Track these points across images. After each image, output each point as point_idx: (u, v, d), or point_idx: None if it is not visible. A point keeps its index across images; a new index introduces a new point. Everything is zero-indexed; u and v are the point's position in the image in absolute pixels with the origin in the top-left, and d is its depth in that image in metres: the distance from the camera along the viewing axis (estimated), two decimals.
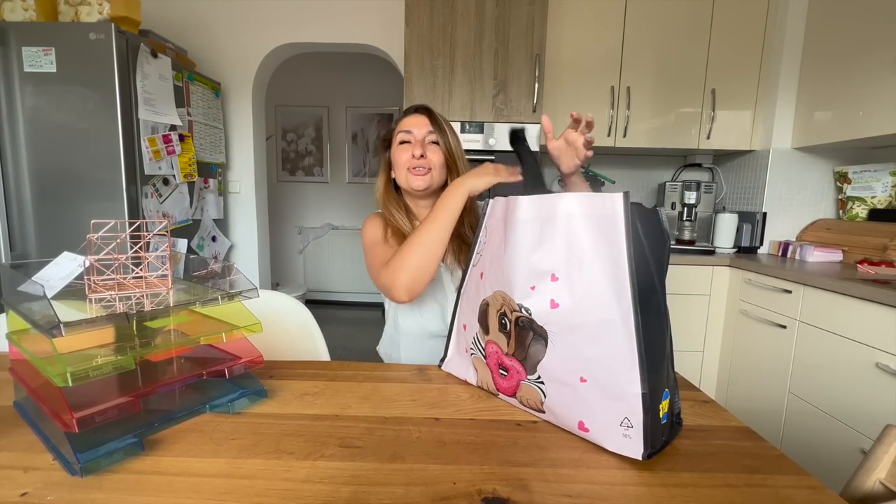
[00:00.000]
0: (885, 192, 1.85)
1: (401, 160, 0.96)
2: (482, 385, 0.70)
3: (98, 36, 1.55)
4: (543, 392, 0.59)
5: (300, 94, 3.97)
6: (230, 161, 2.49)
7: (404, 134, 0.97)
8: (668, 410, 0.54)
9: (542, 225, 0.58)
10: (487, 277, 0.67)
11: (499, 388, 0.66)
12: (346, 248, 4.02)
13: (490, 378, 0.68)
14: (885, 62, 1.61)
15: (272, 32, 2.37)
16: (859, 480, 0.54)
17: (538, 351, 0.58)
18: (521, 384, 0.62)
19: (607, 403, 0.52)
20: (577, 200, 0.55)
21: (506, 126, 1.91)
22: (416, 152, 0.93)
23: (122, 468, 0.49)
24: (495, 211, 0.70)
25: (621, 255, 0.51)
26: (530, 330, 0.58)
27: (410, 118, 0.99)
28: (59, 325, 0.46)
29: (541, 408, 0.60)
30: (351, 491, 0.46)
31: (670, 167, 2.50)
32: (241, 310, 0.63)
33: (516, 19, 1.87)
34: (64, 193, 1.63)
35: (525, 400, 0.62)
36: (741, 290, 1.86)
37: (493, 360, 0.66)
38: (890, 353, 1.23)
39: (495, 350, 0.65)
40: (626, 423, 0.51)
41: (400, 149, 0.97)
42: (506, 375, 0.64)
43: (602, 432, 0.54)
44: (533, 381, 0.60)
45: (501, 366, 0.64)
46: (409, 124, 0.97)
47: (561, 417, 0.58)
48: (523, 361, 0.60)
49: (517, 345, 0.61)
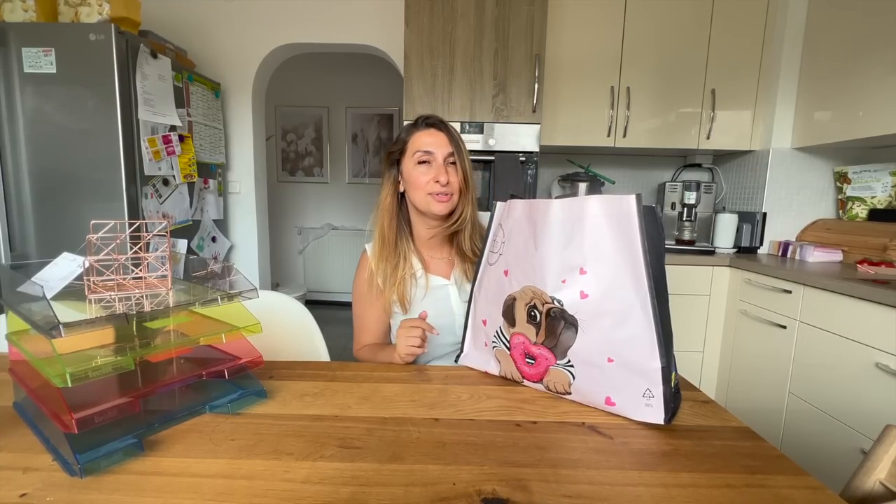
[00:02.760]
0: (885, 192, 1.85)
1: (420, 182, 0.92)
2: (505, 374, 0.76)
3: (98, 36, 1.55)
4: (573, 374, 0.66)
5: (300, 94, 3.97)
6: (230, 161, 2.48)
7: (423, 154, 0.92)
8: (676, 381, 0.63)
9: (572, 225, 0.64)
10: (513, 274, 0.73)
11: (524, 375, 0.72)
12: (345, 248, 4.01)
13: (514, 367, 0.74)
14: (884, 62, 1.61)
15: (272, 33, 2.37)
16: (859, 481, 0.54)
17: (569, 338, 0.65)
18: (549, 369, 0.68)
19: (632, 379, 0.60)
20: (598, 202, 0.62)
21: (506, 126, 1.91)
22: (443, 179, 0.90)
23: (122, 469, 0.49)
24: (513, 212, 0.75)
25: (637, 248, 0.59)
26: (562, 319, 0.65)
27: (427, 135, 0.93)
28: (58, 326, 0.46)
29: (568, 390, 0.67)
30: (350, 491, 0.46)
31: (670, 167, 2.50)
32: (240, 310, 0.63)
33: (516, 19, 1.87)
34: (64, 194, 1.63)
35: (552, 384, 0.69)
36: (741, 290, 1.86)
37: (518, 350, 0.72)
38: (890, 354, 1.23)
39: (522, 340, 0.71)
40: (648, 394, 0.60)
41: (418, 169, 0.92)
42: (533, 363, 0.71)
43: (627, 404, 0.61)
44: (562, 366, 0.67)
45: (528, 355, 0.71)
46: (427, 143, 0.92)
47: (588, 395, 0.65)
48: (553, 349, 0.67)
49: (547, 334, 0.67)
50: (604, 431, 0.59)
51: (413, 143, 0.94)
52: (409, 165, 0.94)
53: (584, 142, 2.15)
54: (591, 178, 2.20)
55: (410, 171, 0.93)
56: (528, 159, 1.93)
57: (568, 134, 2.14)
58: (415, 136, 0.94)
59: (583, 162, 2.37)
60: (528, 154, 1.93)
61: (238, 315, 0.63)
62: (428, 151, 0.92)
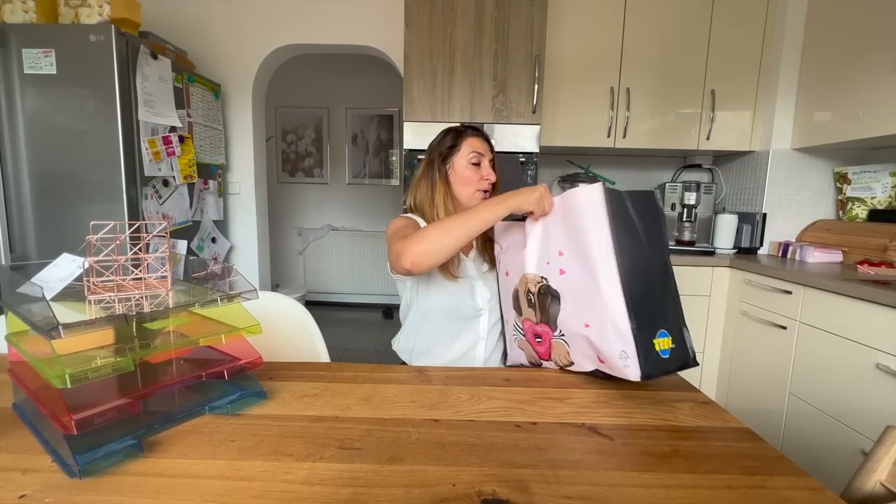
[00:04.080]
0: (885, 193, 1.85)
1: (473, 179, 1.05)
2: (532, 361, 0.89)
3: (98, 37, 1.55)
4: (567, 343, 0.77)
5: (300, 95, 3.97)
6: (230, 162, 2.49)
7: (477, 155, 1.05)
8: (670, 346, 0.70)
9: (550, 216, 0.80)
10: (512, 272, 0.90)
11: (539, 355, 0.85)
12: (346, 249, 4.01)
13: (532, 350, 0.86)
14: (884, 62, 1.61)
15: (272, 34, 2.37)
16: (860, 482, 0.54)
17: (556, 309, 0.78)
18: (552, 343, 0.80)
19: (610, 340, 0.69)
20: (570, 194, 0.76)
21: (506, 127, 1.91)
22: (493, 178, 1.06)
23: (121, 470, 0.49)
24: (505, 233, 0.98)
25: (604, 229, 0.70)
26: (548, 294, 0.79)
27: (478, 141, 1.07)
28: (57, 327, 0.46)
29: (570, 359, 0.78)
30: (350, 493, 0.46)
31: (670, 168, 2.50)
32: (240, 311, 0.63)
33: (516, 20, 1.87)
34: (64, 195, 1.63)
35: (558, 357, 0.80)
36: (741, 290, 1.86)
37: (529, 333, 0.85)
38: (890, 354, 1.23)
39: (529, 325, 0.85)
40: (624, 355, 0.68)
41: (472, 168, 1.05)
42: (540, 341, 0.83)
43: (612, 364, 0.70)
44: (558, 337, 0.78)
45: (536, 334, 0.84)
46: (479, 146, 1.06)
47: (584, 360, 0.75)
48: (549, 322, 0.80)
49: (541, 311, 0.81)
50: (604, 432, 0.59)
51: (468, 145, 1.06)
52: (462, 164, 1.06)
53: (584, 142, 2.15)
54: (591, 178, 2.20)
55: (463, 168, 1.06)
56: (527, 160, 1.93)
57: (568, 135, 2.14)
58: (469, 139, 1.07)
59: (583, 163, 2.37)
60: (528, 155, 1.93)
61: (238, 316, 0.63)
62: (481, 153, 1.06)
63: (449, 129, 1.11)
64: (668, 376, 0.79)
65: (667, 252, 0.76)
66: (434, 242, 0.83)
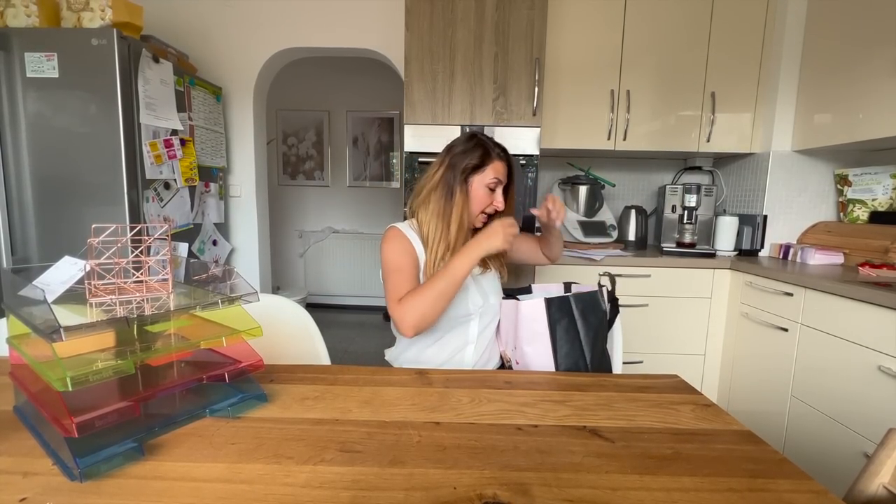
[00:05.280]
0: (886, 195, 1.85)
1: (485, 202, 1.05)
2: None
3: (100, 41, 1.56)
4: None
5: (301, 98, 3.98)
6: (231, 165, 2.49)
7: (496, 182, 1.05)
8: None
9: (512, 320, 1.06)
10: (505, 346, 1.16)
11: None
12: (346, 251, 4.02)
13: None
14: (884, 64, 1.61)
15: (273, 37, 2.38)
16: (862, 484, 0.54)
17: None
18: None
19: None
20: (524, 306, 1.00)
21: (506, 129, 1.92)
22: (500, 207, 1.06)
23: (122, 473, 0.49)
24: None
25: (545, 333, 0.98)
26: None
27: (502, 166, 1.06)
28: (59, 330, 0.46)
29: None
30: (351, 496, 0.45)
31: (670, 170, 2.50)
32: (241, 314, 0.63)
33: (516, 23, 1.88)
34: (65, 198, 1.64)
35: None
36: (742, 292, 1.86)
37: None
38: (892, 357, 1.23)
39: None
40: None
41: (487, 192, 1.05)
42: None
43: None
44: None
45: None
46: (501, 173, 1.06)
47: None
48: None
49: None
50: (605, 435, 0.59)
51: (493, 169, 1.05)
52: (480, 184, 1.05)
53: (585, 145, 2.15)
54: (591, 181, 2.20)
55: (478, 188, 1.05)
56: (528, 162, 1.93)
57: (568, 137, 2.15)
58: (495, 164, 1.05)
59: (583, 165, 2.37)
60: (529, 157, 1.93)
61: (239, 318, 0.63)
62: (500, 181, 1.06)
63: (476, 139, 1.07)
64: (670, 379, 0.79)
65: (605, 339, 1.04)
66: (429, 310, 0.93)
